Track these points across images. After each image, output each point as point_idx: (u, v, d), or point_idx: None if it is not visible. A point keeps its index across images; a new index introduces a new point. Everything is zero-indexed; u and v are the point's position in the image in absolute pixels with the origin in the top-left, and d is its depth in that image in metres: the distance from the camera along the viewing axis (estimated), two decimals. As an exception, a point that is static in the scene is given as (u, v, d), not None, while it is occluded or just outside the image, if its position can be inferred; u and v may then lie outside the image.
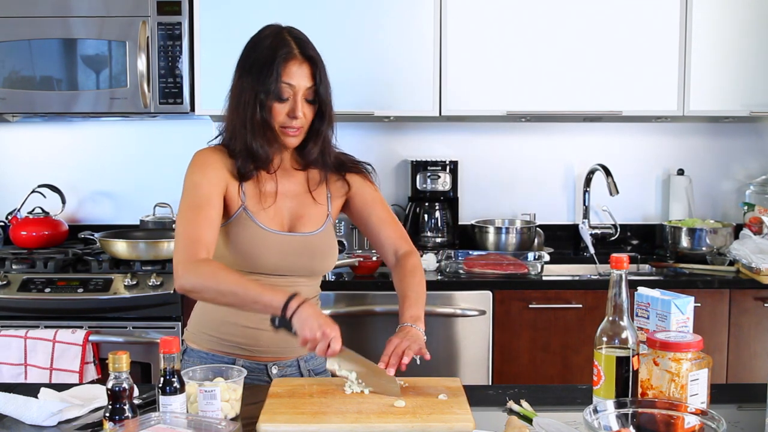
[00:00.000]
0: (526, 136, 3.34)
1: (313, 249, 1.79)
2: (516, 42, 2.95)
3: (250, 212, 1.74)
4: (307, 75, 1.70)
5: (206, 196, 1.68)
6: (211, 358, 1.77)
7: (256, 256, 1.73)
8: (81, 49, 2.89)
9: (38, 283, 2.70)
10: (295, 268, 1.77)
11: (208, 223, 1.66)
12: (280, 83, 1.68)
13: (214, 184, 1.70)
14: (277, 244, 1.74)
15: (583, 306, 2.73)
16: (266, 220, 1.75)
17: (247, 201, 1.74)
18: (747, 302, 2.76)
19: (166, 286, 2.68)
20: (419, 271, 1.83)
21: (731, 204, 3.37)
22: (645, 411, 1.34)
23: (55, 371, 2.57)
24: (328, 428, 1.41)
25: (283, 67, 1.68)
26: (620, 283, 1.42)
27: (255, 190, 1.76)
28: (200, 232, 1.64)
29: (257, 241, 1.73)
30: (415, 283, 1.79)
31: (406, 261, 1.85)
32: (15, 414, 1.49)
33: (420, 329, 1.68)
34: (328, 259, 1.83)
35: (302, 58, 1.70)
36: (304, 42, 1.73)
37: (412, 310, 1.72)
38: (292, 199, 1.80)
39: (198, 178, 1.70)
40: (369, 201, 1.88)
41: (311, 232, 1.79)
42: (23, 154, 3.32)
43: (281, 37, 1.72)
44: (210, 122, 3.24)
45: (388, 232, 1.88)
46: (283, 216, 1.78)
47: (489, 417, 1.51)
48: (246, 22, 2.90)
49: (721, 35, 2.95)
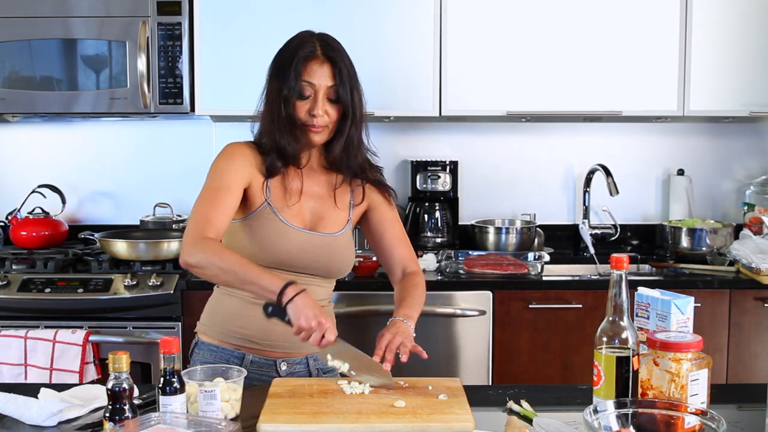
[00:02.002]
0: (526, 136, 3.34)
1: (332, 250, 1.82)
2: (516, 42, 2.95)
3: (274, 207, 1.78)
4: (328, 74, 1.74)
5: (228, 182, 1.74)
6: (220, 352, 1.80)
7: (276, 250, 1.76)
8: (81, 49, 2.89)
9: (38, 284, 2.70)
10: (313, 266, 1.80)
11: (223, 207, 1.71)
12: (301, 81, 1.73)
13: (238, 174, 1.75)
14: (297, 240, 1.77)
15: (583, 306, 2.73)
16: (289, 217, 1.79)
17: (272, 197, 1.79)
18: (747, 302, 2.76)
19: (166, 286, 2.68)
20: (422, 288, 1.87)
21: (731, 204, 3.37)
22: (645, 411, 1.34)
23: (55, 371, 2.57)
24: (328, 428, 1.41)
25: (303, 65, 1.74)
26: (620, 283, 1.42)
27: (280, 187, 1.80)
28: (213, 215, 1.69)
29: (279, 236, 1.76)
30: (416, 294, 1.83)
31: (413, 277, 1.88)
32: (15, 414, 1.49)
33: (410, 325, 1.72)
34: (345, 262, 1.86)
35: (323, 58, 1.74)
36: (329, 44, 1.78)
37: (406, 310, 1.76)
38: (315, 199, 1.84)
39: (224, 165, 1.77)
40: (387, 219, 1.92)
41: (331, 233, 1.83)
42: (23, 154, 3.32)
43: (307, 39, 1.78)
44: (210, 122, 3.24)
45: (401, 252, 1.92)
46: (306, 215, 1.82)
47: (489, 417, 1.51)
48: (246, 22, 2.91)
49: (721, 35, 2.95)
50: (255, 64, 2.91)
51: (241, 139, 1.87)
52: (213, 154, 1.83)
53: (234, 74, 2.92)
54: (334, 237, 1.83)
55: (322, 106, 1.74)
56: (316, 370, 1.85)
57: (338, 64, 1.75)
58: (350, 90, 1.76)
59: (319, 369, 1.85)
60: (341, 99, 1.75)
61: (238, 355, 1.79)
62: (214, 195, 1.72)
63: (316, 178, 1.86)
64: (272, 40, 2.90)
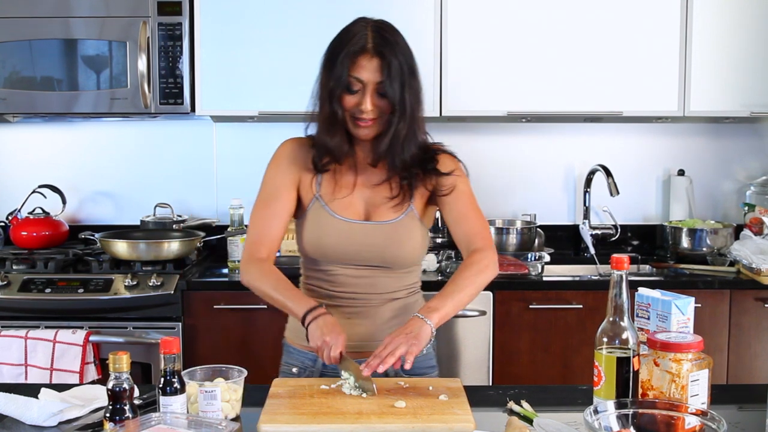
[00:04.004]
0: (527, 136, 3.34)
1: (386, 237, 1.77)
2: (516, 42, 2.95)
3: (323, 201, 1.78)
4: (377, 69, 1.68)
5: (276, 188, 1.79)
6: (297, 353, 1.85)
7: (325, 244, 1.76)
8: (81, 50, 2.89)
9: (38, 284, 2.70)
10: (368, 256, 1.77)
11: (274, 217, 1.77)
12: (349, 76, 1.69)
13: (285, 177, 1.79)
14: (346, 232, 1.76)
15: (583, 306, 2.73)
16: (339, 209, 1.78)
17: (321, 191, 1.79)
18: (747, 303, 2.76)
19: (166, 286, 2.68)
20: (477, 266, 1.72)
21: (732, 204, 3.37)
22: (645, 412, 1.34)
23: (56, 371, 2.57)
24: (328, 429, 1.41)
25: (352, 60, 1.68)
26: (621, 283, 1.41)
27: (331, 181, 1.80)
28: (264, 230, 1.77)
29: (327, 229, 1.76)
30: (462, 276, 1.70)
31: (472, 256, 1.75)
32: (15, 414, 1.49)
33: (429, 322, 1.60)
34: (403, 249, 1.78)
35: (373, 53, 1.68)
36: (382, 37, 1.71)
37: (435, 301, 1.65)
38: (371, 189, 1.80)
39: (272, 172, 1.82)
40: (449, 198, 1.79)
41: (386, 221, 1.78)
42: (23, 155, 3.32)
43: (360, 30, 1.72)
44: (210, 122, 3.24)
45: (465, 228, 1.78)
46: (358, 206, 1.79)
47: (489, 417, 1.51)
48: (246, 22, 2.91)
49: (721, 35, 2.95)
50: (255, 65, 2.95)
51: (241, 139, 1.87)
52: (213, 154, 1.84)
53: (234, 74, 2.92)
54: (389, 224, 1.77)
55: (371, 100, 1.69)
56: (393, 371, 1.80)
57: (388, 58, 1.68)
58: (401, 85, 1.69)
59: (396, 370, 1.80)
60: (388, 94, 1.69)
61: (311, 356, 1.81)
62: (264, 207, 1.79)
63: (372, 168, 1.80)
64: (272, 40, 2.95)
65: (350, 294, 1.80)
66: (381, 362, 1.53)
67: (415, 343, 1.56)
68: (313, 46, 2.95)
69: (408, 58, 1.73)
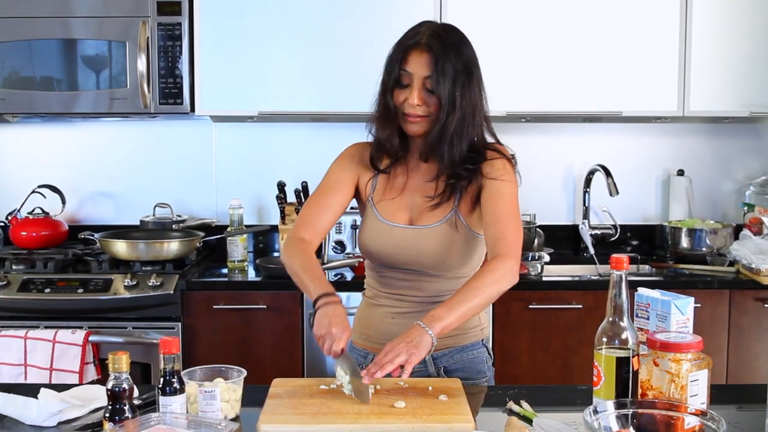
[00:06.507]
0: (526, 136, 3.34)
1: (418, 243, 1.75)
2: (515, 42, 2.95)
3: (373, 203, 1.81)
4: (426, 63, 1.68)
5: (333, 182, 1.82)
6: (353, 350, 1.87)
7: (370, 246, 1.80)
8: (81, 50, 2.89)
9: (38, 284, 2.70)
10: (405, 261, 1.77)
11: (325, 207, 1.80)
12: (400, 70, 1.71)
13: (344, 173, 1.83)
14: (388, 236, 1.77)
15: (583, 306, 2.73)
16: (386, 213, 1.80)
17: (375, 193, 1.82)
18: (747, 303, 2.76)
19: (166, 286, 2.68)
20: (492, 275, 1.62)
21: (731, 204, 3.37)
22: (645, 412, 1.34)
23: (55, 372, 2.57)
24: (328, 429, 1.41)
25: (405, 54, 1.71)
26: (620, 283, 1.41)
27: (384, 182, 1.83)
28: (313, 216, 1.79)
29: (372, 233, 1.79)
30: (474, 285, 1.61)
31: (490, 263, 1.66)
32: (15, 414, 1.49)
33: (430, 332, 1.53)
34: (437, 254, 1.74)
35: (425, 47, 1.69)
36: (437, 34, 1.71)
37: (440, 310, 1.57)
38: (420, 192, 1.80)
39: (334, 167, 1.86)
40: (490, 195, 1.73)
41: (426, 225, 1.77)
42: (23, 155, 3.32)
43: (418, 28, 1.75)
44: (210, 122, 3.24)
45: (494, 231, 1.69)
46: (405, 210, 1.80)
47: (489, 417, 1.51)
48: (246, 22, 2.91)
49: (721, 35, 2.95)
50: (255, 65, 2.95)
51: (240, 139, 1.87)
52: (213, 154, 1.85)
53: (234, 74, 2.92)
54: (428, 228, 1.75)
55: (419, 95, 1.69)
56: (438, 368, 1.80)
57: (438, 54, 1.67)
58: (451, 81, 1.68)
59: (441, 368, 1.80)
60: (435, 90, 1.68)
61: (362, 353, 1.85)
62: (318, 196, 1.81)
63: (423, 170, 1.80)
64: (272, 40, 2.95)
65: (397, 295, 1.82)
66: (380, 369, 1.50)
67: (415, 352, 1.51)
68: (313, 46, 2.98)
69: (464, 58, 1.72)
